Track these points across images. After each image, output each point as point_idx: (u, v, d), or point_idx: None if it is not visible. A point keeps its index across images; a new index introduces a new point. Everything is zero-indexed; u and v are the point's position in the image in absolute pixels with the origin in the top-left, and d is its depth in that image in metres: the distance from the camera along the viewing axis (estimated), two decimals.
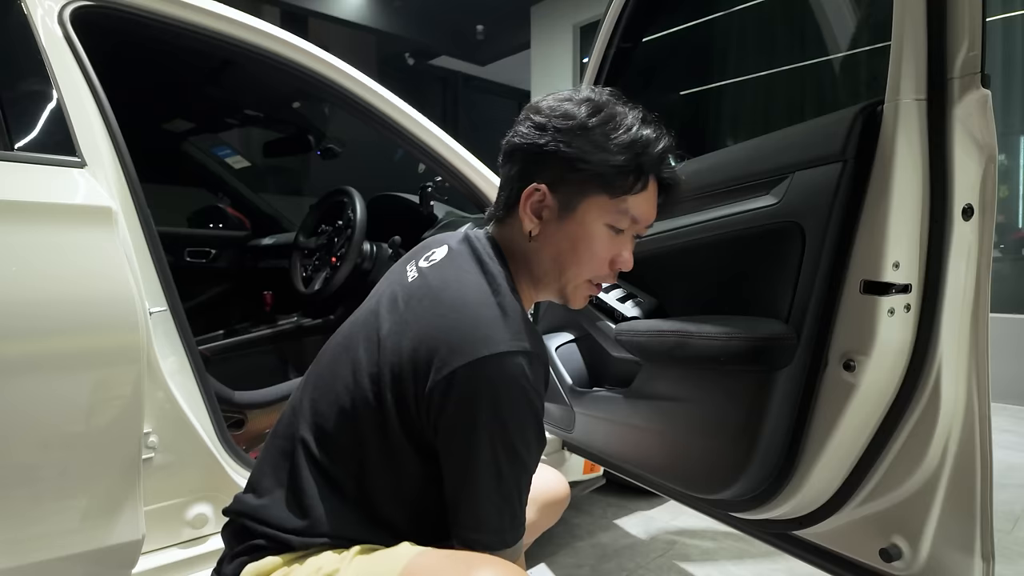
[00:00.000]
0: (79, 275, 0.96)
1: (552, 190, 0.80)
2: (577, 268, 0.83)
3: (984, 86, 0.83)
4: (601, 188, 0.79)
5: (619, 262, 0.84)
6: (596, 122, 0.78)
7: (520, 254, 0.85)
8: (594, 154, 0.77)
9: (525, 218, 0.82)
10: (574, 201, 0.80)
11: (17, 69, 1.15)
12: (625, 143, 0.78)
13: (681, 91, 4.65)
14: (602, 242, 0.82)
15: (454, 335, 0.73)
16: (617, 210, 0.80)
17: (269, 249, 2.65)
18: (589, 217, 0.80)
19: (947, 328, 0.87)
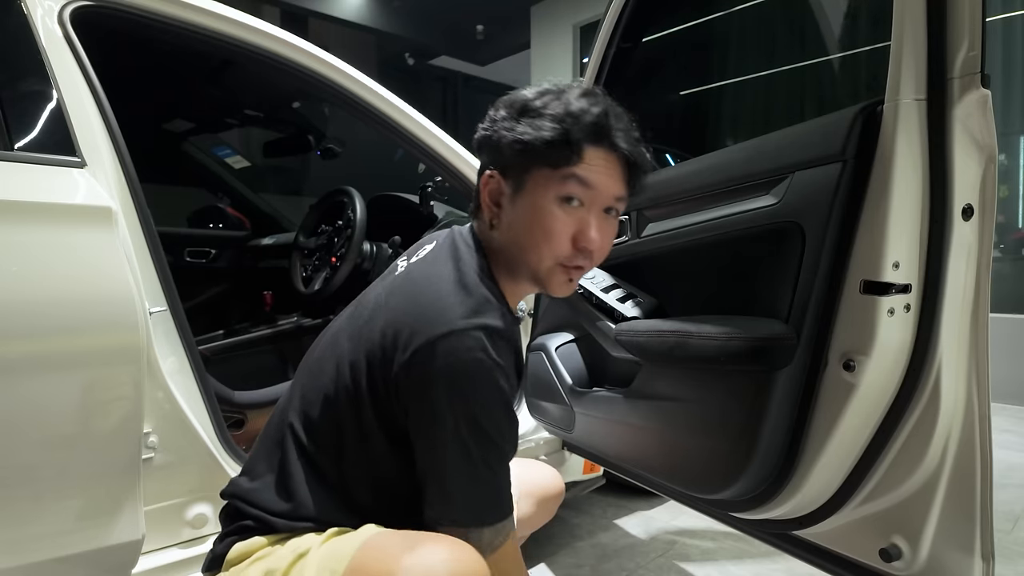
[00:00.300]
0: (79, 275, 0.96)
1: (503, 175, 0.82)
2: (538, 249, 0.82)
3: (984, 86, 0.83)
4: (543, 162, 0.79)
5: (581, 239, 0.81)
6: (536, 104, 0.80)
7: (493, 245, 0.87)
8: (530, 131, 0.78)
9: (485, 206, 0.85)
10: (522, 180, 0.81)
11: (17, 69, 1.15)
12: (557, 116, 0.78)
13: (681, 91, 4.65)
14: (555, 217, 0.80)
15: (416, 317, 0.76)
16: (562, 181, 0.79)
17: (269, 249, 2.65)
18: (537, 192, 0.80)
19: (947, 328, 0.87)
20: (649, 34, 1.62)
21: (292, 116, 2.53)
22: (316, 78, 1.59)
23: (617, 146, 0.80)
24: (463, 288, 0.79)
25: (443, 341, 0.73)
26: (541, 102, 0.80)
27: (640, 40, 1.58)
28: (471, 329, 0.74)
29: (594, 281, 1.31)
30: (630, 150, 0.81)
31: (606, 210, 0.84)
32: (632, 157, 0.82)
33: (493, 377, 0.75)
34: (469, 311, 0.76)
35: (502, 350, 0.77)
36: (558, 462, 1.85)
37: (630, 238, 1.30)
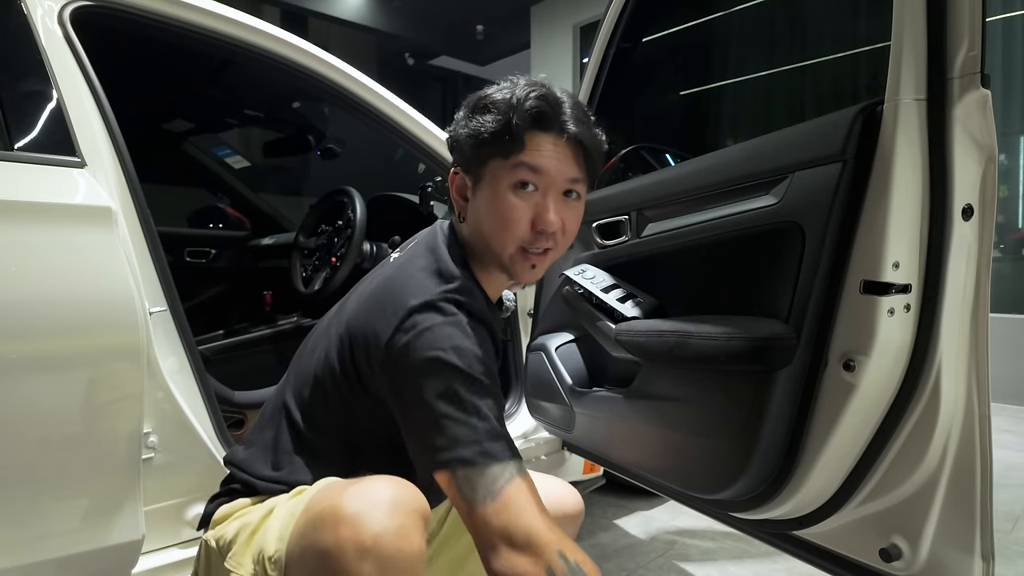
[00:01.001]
0: (79, 275, 0.96)
1: (465, 171, 0.88)
2: (500, 235, 0.86)
3: (984, 86, 0.83)
4: (493, 152, 0.84)
5: (539, 222, 0.84)
6: (485, 100, 0.85)
7: (465, 241, 0.92)
8: (479, 125, 0.84)
9: (453, 202, 0.91)
10: (479, 173, 0.86)
11: (17, 69, 1.15)
12: (501, 108, 0.83)
13: (681, 91, 4.65)
14: (511, 204, 0.84)
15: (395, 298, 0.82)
16: (512, 169, 0.83)
17: (269, 249, 2.65)
18: (492, 182, 0.85)
19: (947, 328, 0.87)
20: (649, 34, 1.62)
21: (292, 116, 2.54)
22: (316, 78, 1.59)
23: (565, 130, 0.84)
24: (438, 274, 0.85)
25: (419, 312, 0.78)
26: (490, 99, 0.85)
27: (640, 40, 1.58)
28: (445, 300, 0.80)
29: (594, 281, 1.31)
30: (577, 132, 0.84)
31: (566, 193, 0.87)
32: (579, 139, 0.85)
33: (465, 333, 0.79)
34: (444, 289, 0.82)
35: (476, 328, 0.81)
36: (558, 462, 1.85)
37: (630, 238, 1.30)
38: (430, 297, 0.80)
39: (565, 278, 1.38)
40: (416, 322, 0.78)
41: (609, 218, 1.35)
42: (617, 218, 1.33)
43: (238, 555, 0.82)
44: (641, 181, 1.35)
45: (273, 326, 2.37)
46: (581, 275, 1.34)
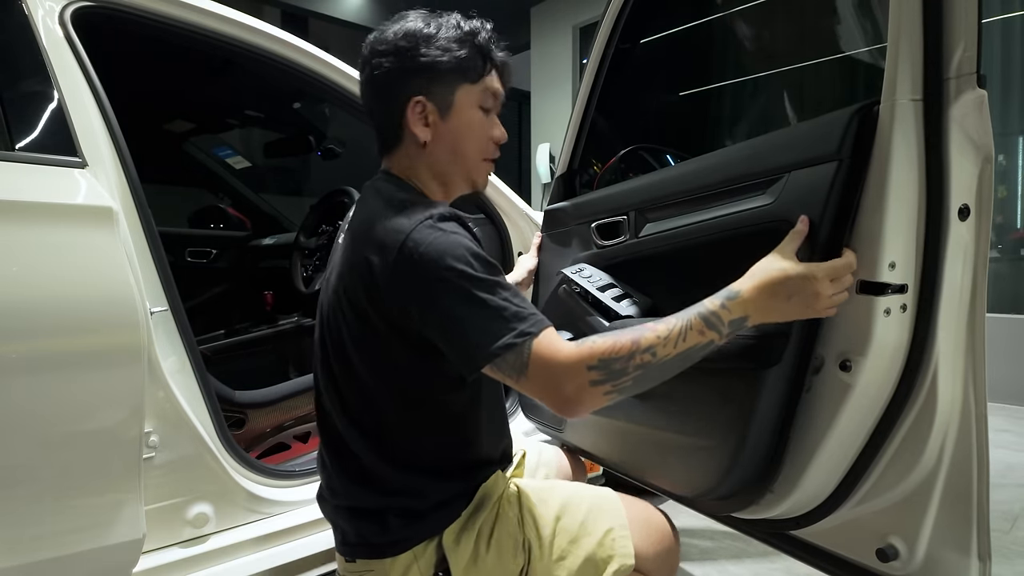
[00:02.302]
0: (80, 275, 0.97)
1: (428, 98, 0.92)
2: (472, 150, 0.97)
3: (980, 86, 0.84)
4: (463, 78, 0.93)
5: (497, 135, 0.99)
6: (433, 30, 0.91)
7: (424, 166, 0.97)
8: (443, 55, 0.91)
9: (417, 131, 0.93)
10: (448, 99, 0.93)
11: (18, 69, 1.15)
12: (462, 37, 0.92)
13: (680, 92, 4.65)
14: (481, 123, 0.97)
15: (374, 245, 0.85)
16: (481, 92, 0.95)
17: (270, 249, 2.65)
18: (464, 106, 0.94)
19: (944, 328, 0.88)
20: (648, 35, 1.63)
21: (292, 116, 2.54)
22: (316, 78, 1.60)
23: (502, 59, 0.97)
24: (396, 207, 0.89)
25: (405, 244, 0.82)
26: (433, 28, 0.91)
27: (639, 41, 1.58)
28: (420, 225, 0.84)
29: (591, 280, 1.32)
30: (508, 60, 0.98)
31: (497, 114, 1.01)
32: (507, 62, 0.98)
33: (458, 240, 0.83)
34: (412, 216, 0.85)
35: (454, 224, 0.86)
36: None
37: (628, 238, 1.31)
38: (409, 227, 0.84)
39: (563, 277, 1.39)
40: (410, 248, 0.82)
41: (608, 218, 1.36)
42: (616, 218, 1.33)
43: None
44: (640, 181, 1.35)
45: (274, 326, 2.37)
46: (579, 274, 1.34)
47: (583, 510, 0.98)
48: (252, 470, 1.35)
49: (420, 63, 0.90)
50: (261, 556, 1.30)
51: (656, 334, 0.78)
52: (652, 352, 0.77)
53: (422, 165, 0.97)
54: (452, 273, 0.80)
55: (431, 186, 0.98)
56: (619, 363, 0.76)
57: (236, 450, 1.31)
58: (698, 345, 0.80)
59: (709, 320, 0.80)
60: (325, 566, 1.37)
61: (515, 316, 0.80)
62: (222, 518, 1.28)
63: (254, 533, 1.31)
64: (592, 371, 0.76)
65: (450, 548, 0.92)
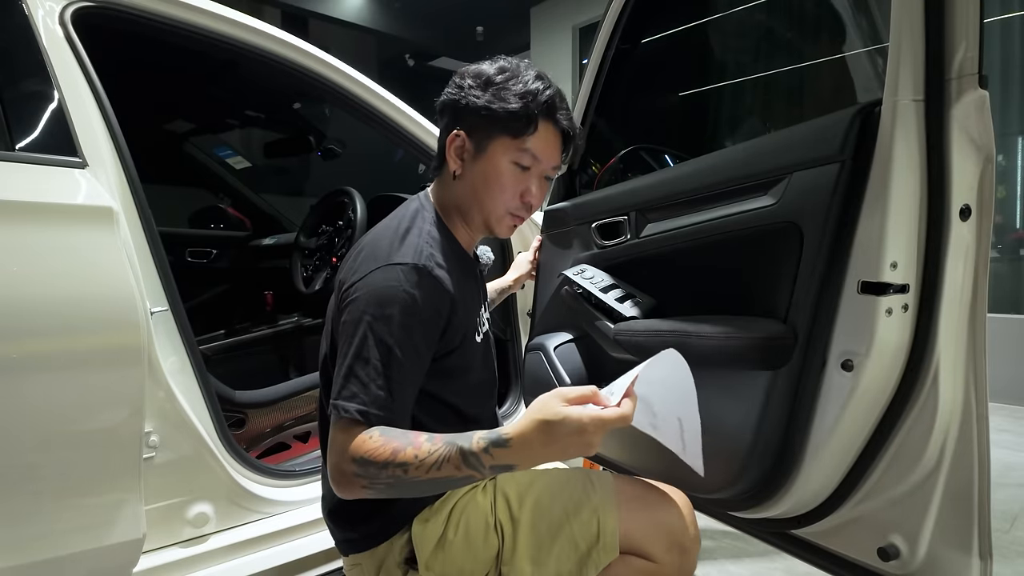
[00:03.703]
0: (80, 275, 0.97)
1: (468, 135, 0.96)
2: (492, 200, 0.98)
3: (982, 87, 0.84)
4: (504, 130, 0.95)
5: (528, 196, 0.99)
6: (500, 78, 0.95)
7: (450, 196, 1.01)
8: (495, 103, 0.93)
9: (450, 160, 0.98)
10: (484, 143, 0.96)
11: (18, 69, 1.15)
12: (519, 93, 0.94)
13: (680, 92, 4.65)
14: (509, 176, 0.97)
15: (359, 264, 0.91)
16: (519, 149, 0.95)
17: (270, 249, 2.65)
18: (496, 155, 0.96)
19: (945, 328, 0.88)
20: (649, 35, 1.63)
21: (293, 117, 2.54)
22: (316, 79, 1.60)
23: (561, 124, 0.97)
24: (401, 236, 0.93)
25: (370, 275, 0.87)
26: (502, 78, 0.94)
27: (640, 41, 1.58)
28: (393, 265, 0.87)
29: (593, 281, 1.32)
30: (569, 127, 0.99)
31: (547, 177, 1.01)
32: (570, 133, 0.99)
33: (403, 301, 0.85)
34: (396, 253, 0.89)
35: (425, 286, 0.87)
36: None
37: (630, 238, 1.31)
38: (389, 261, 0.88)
39: (564, 278, 1.39)
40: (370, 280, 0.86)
41: (609, 218, 1.36)
42: (617, 218, 1.33)
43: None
44: (640, 182, 1.35)
45: (274, 326, 2.37)
46: (580, 275, 1.34)
47: (567, 489, 0.97)
48: (252, 470, 1.34)
49: (472, 102, 0.94)
50: (261, 556, 1.30)
51: (416, 454, 0.77)
52: (404, 469, 0.77)
53: (450, 195, 1.01)
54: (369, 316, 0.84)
55: (454, 218, 1.02)
56: (374, 468, 0.78)
57: (236, 450, 1.31)
58: (453, 477, 0.77)
59: (468, 460, 0.76)
60: (325, 566, 1.37)
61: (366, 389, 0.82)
62: (222, 518, 1.28)
63: (254, 533, 1.31)
64: (353, 464, 0.78)
65: (417, 533, 0.93)
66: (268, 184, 4.20)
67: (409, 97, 1.74)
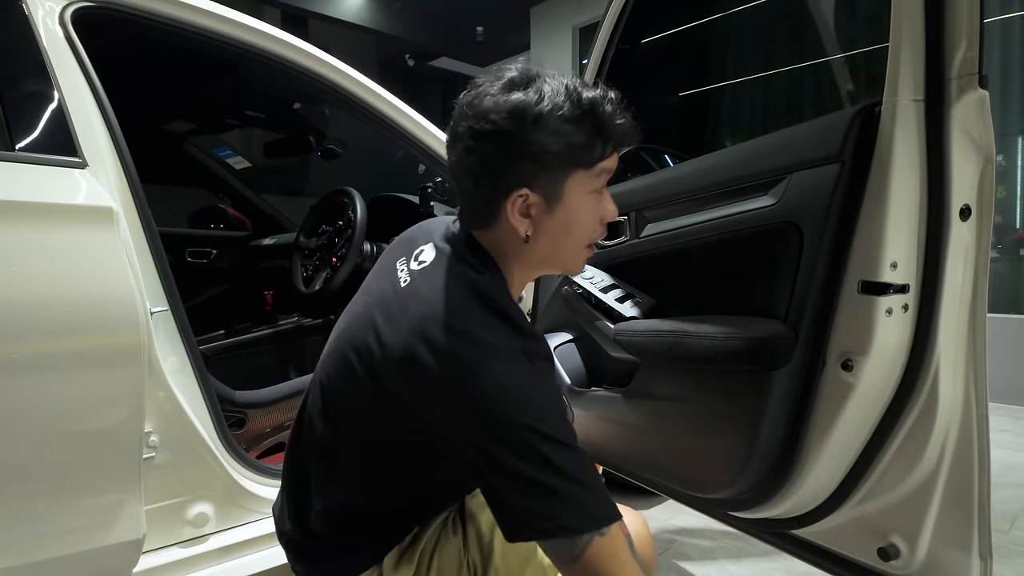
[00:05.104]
0: (80, 275, 0.97)
1: (532, 189, 0.77)
2: (576, 242, 0.83)
3: (982, 87, 0.84)
4: (576, 165, 0.78)
5: (607, 217, 0.84)
6: (545, 106, 0.75)
7: (512, 253, 0.84)
8: (557, 141, 0.75)
9: (517, 224, 0.79)
10: (558, 189, 0.78)
11: (18, 70, 1.15)
12: (577, 116, 0.76)
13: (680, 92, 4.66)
14: (591, 210, 0.82)
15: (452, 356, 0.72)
16: (595, 176, 0.80)
17: (270, 249, 2.65)
18: (575, 196, 0.80)
19: (945, 328, 0.88)
20: (648, 35, 1.63)
21: (293, 117, 2.54)
22: (316, 79, 1.60)
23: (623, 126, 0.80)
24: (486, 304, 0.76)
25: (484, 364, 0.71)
26: (547, 104, 0.75)
27: (639, 41, 1.58)
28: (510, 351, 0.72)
29: (593, 281, 1.32)
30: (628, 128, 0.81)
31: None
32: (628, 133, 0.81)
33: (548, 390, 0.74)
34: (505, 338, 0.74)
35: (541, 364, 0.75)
36: None
37: (629, 238, 1.31)
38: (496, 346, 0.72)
39: (564, 278, 1.39)
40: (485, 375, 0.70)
41: None
42: (616, 218, 1.33)
43: None
44: (640, 182, 1.35)
45: (274, 326, 2.37)
46: (580, 275, 1.34)
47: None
48: (252, 470, 1.34)
49: (526, 151, 0.75)
50: (261, 556, 1.30)
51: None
52: None
53: (516, 254, 0.83)
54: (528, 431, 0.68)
55: (517, 272, 0.85)
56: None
57: (236, 450, 1.31)
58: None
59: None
60: None
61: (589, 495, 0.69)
62: (222, 518, 1.28)
63: (254, 533, 1.31)
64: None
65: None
66: (268, 184, 4.20)
67: (409, 97, 1.74)
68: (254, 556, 1.29)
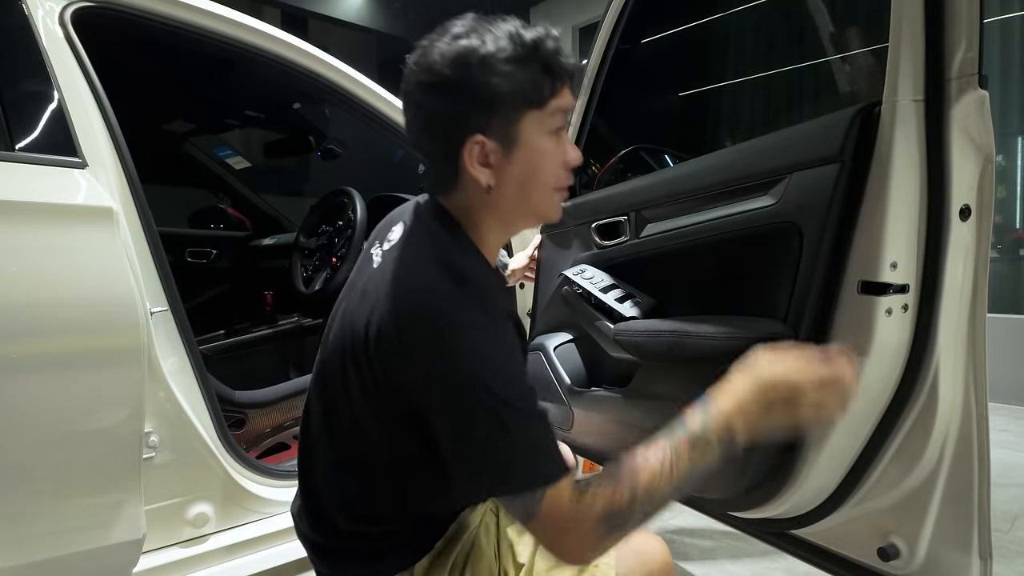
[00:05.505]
0: (80, 275, 0.97)
1: (487, 135, 0.77)
2: (542, 187, 0.82)
3: (982, 87, 0.84)
4: (527, 105, 0.77)
5: (570, 161, 0.83)
6: (489, 48, 0.75)
7: (481, 211, 0.84)
8: (504, 82, 0.75)
9: (477, 175, 0.79)
10: (513, 132, 0.78)
11: (18, 70, 1.15)
12: (521, 55, 0.76)
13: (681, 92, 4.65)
14: (552, 152, 0.81)
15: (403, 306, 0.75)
16: (549, 116, 0.79)
17: (270, 249, 2.65)
18: (532, 137, 0.79)
19: (945, 328, 0.88)
20: (648, 35, 1.63)
21: (292, 117, 2.54)
22: (316, 79, 1.60)
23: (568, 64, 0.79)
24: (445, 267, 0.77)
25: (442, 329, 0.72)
26: (491, 46, 0.75)
27: (639, 41, 1.58)
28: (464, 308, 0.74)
29: (593, 281, 1.32)
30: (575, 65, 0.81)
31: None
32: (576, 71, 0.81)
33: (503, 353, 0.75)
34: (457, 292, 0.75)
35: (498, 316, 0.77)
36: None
37: (629, 239, 1.31)
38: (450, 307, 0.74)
39: (564, 278, 1.39)
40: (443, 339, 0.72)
41: (608, 218, 1.36)
42: (616, 218, 1.33)
43: None
44: (640, 182, 1.35)
45: (274, 326, 2.37)
46: (580, 275, 1.34)
47: None
48: (252, 470, 1.35)
49: (475, 96, 0.75)
50: (261, 556, 1.30)
51: (652, 473, 0.72)
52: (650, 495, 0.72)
53: (485, 209, 0.83)
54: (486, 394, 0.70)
55: (491, 228, 0.85)
56: (621, 515, 0.71)
57: (236, 450, 1.31)
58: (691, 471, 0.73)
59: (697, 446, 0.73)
60: None
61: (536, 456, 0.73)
62: (222, 518, 1.28)
63: (254, 533, 1.31)
64: (599, 526, 0.72)
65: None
66: (268, 184, 4.20)
67: None
68: (254, 556, 1.29)
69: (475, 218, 0.84)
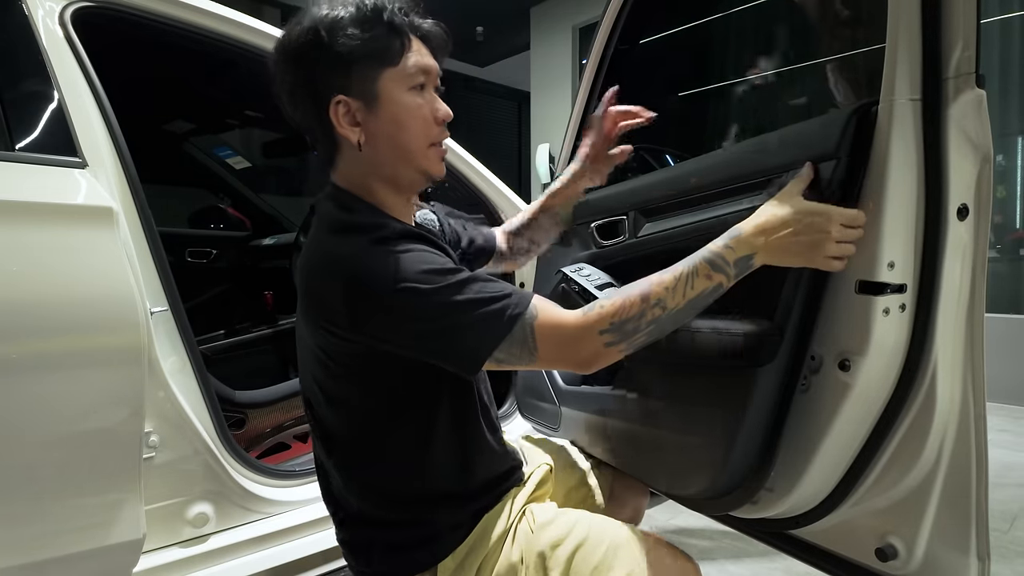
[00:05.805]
0: (80, 275, 0.97)
1: (348, 95, 0.84)
2: (413, 138, 0.87)
3: (979, 86, 0.84)
4: (381, 63, 0.84)
5: (440, 115, 0.89)
6: (334, 16, 0.82)
7: (363, 173, 0.89)
8: (354, 44, 0.82)
9: (347, 133, 0.85)
10: (372, 90, 0.84)
11: (18, 69, 1.15)
12: (367, 17, 0.83)
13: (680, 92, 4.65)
14: (416, 107, 0.87)
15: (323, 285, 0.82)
16: (406, 73, 0.85)
17: (270, 249, 2.66)
18: (393, 93, 0.85)
19: (942, 328, 0.88)
20: (648, 35, 1.63)
21: None
22: None
23: (419, 27, 0.87)
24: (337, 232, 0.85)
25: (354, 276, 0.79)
26: (340, 12, 0.82)
27: (639, 41, 1.59)
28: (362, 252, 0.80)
29: (589, 278, 1.32)
30: (430, 26, 0.88)
31: (436, 89, 0.91)
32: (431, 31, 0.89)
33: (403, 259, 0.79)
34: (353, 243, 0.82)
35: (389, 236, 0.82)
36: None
37: (627, 238, 1.31)
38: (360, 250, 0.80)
39: (562, 275, 1.39)
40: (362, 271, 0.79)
41: (607, 218, 1.36)
42: (615, 218, 1.34)
43: None
44: (639, 181, 1.35)
45: (274, 326, 2.37)
46: (578, 272, 1.34)
47: (599, 551, 0.90)
48: (252, 470, 1.35)
49: (329, 58, 0.82)
50: (261, 556, 1.30)
51: (663, 286, 0.79)
52: (662, 305, 0.78)
53: (365, 169, 0.89)
54: (410, 294, 0.76)
55: (380, 191, 0.90)
56: (631, 323, 0.77)
57: (236, 450, 1.32)
58: (706, 290, 0.81)
59: (714, 262, 0.81)
60: (325, 566, 1.37)
61: (494, 303, 0.77)
62: (222, 518, 1.28)
63: (254, 533, 1.31)
64: (605, 334, 0.77)
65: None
66: (268, 184, 4.20)
67: None
68: (254, 556, 1.29)
69: (365, 184, 0.90)
